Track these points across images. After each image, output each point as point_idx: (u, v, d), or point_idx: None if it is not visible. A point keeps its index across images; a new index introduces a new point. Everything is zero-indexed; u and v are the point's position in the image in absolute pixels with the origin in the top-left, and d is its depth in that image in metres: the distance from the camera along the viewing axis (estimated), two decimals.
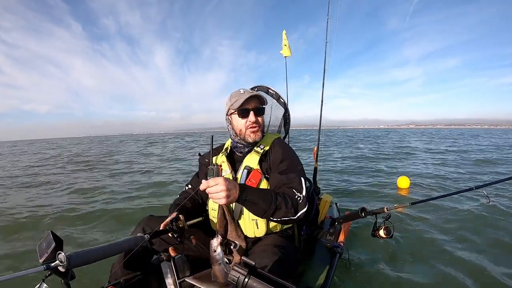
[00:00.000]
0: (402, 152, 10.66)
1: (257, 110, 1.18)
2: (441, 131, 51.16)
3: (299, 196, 1.05)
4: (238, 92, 1.19)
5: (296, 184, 1.09)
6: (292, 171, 1.13)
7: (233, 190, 0.89)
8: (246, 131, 1.18)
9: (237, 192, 0.91)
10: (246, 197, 0.94)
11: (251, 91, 1.20)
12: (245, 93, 1.18)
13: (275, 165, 1.16)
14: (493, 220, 2.93)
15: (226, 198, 0.86)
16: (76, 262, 0.71)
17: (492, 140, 18.05)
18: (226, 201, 0.87)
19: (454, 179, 5.33)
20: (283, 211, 1.00)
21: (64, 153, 15.57)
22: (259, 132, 1.20)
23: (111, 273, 1.16)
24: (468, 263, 2.06)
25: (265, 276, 0.66)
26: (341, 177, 5.71)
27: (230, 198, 0.88)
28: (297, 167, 1.17)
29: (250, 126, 1.18)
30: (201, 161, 1.37)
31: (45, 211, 3.68)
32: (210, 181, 0.87)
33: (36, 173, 7.77)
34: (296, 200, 1.04)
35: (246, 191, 0.95)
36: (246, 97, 1.14)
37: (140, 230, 1.14)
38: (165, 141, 27.80)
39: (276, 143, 1.24)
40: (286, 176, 1.11)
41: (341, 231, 1.79)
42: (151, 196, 4.49)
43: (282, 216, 1.01)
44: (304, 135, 31.61)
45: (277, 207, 0.99)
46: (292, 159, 1.18)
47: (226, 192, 0.86)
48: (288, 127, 1.68)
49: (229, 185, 0.88)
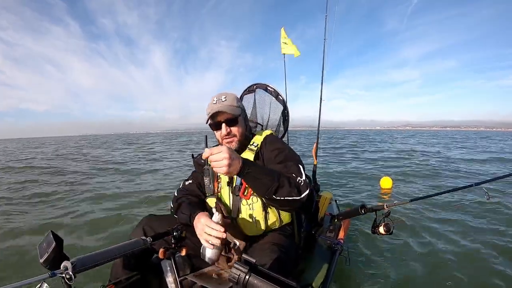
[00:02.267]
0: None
1: (229, 121, 1.15)
2: (440, 132, 50.67)
3: (300, 179, 1.03)
4: (211, 102, 1.17)
5: (295, 170, 1.06)
6: (289, 160, 1.11)
7: (236, 160, 0.88)
8: (222, 142, 1.18)
9: (239, 163, 0.89)
10: (248, 169, 0.92)
11: (222, 99, 1.16)
12: (217, 103, 1.15)
13: (271, 159, 1.15)
14: (493, 217, 2.95)
15: (227, 167, 0.84)
16: (80, 269, 0.71)
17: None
18: (227, 169, 0.85)
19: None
20: (286, 189, 0.96)
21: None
22: (234, 142, 1.18)
23: (112, 272, 1.16)
24: (468, 260, 2.08)
25: (266, 273, 0.66)
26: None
27: (232, 167, 0.86)
28: (294, 157, 1.15)
29: (224, 137, 1.16)
30: (196, 161, 1.35)
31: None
32: (214, 148, 0.86)
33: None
34: (298, 182, 1.01)
35: (249, 164, 0.93)
36: (212, 113, 1.12)
37: (141, 230, 1.15)
38: (146, 141, 26.41)
39: (267, 139, 1.22)
40: (284, 165, 1.09)
41: (341, 228, 1.80)
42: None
43: (285, 195, 0.96)
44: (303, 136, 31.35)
45: (280, 184, 0.95)
46: (287, 150, 1.17)
47: (228, 161, 0.84)
48: (287, 124, 1.68)
49: (232, 155, 0.86)
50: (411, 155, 9.78)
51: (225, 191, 1.19)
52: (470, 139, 22.87)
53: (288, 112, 1.64)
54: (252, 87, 1.69)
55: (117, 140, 30.49)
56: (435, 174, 5.91)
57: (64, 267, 0.67)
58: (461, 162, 7.79)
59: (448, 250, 2.24)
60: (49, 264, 0.79)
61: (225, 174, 0.87)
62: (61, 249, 0.82)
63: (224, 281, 1.04)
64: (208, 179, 1.20)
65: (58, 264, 0.77)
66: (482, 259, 2.08)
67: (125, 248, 0.87)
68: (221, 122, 1.14)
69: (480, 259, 2.08)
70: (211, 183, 1.20)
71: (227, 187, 1.18)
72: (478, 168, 6.67)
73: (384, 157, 9.37)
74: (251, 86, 1.67)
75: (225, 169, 0.84)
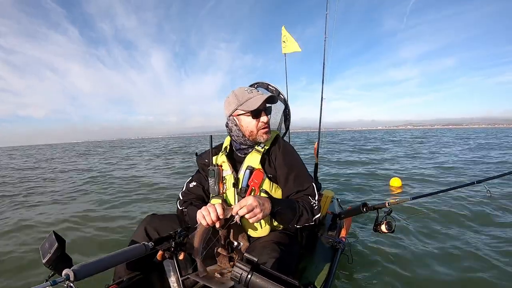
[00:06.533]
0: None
1: (267, 109, 1.18)
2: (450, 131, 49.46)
3: (314, 203, 1.12)
4: (243, 91, 1.16)
5: (311, 191, 1.14)
6: (303, 177, 1.17)
7: (265, 203, 0.94)
8: (258, 132, 1.16)
9: (269, 204, 0.95)
10: (277, 207, 0.98)
11: (257, 90, 1.19)
12: (253, 92, 1.16)
13: (283, 171, 1.16)
14: (495, 214, 2.94)
15: (262, 213, 0.91)
16: (83, 276, 0.71)
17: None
18: (262, 216, 0.91)
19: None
20: (305, 217, 1.06)
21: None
22: (269, 132, 1.20)
23: (115, 272, 1.16)
24: (470, 257, 2.07)
25: (268, 272, 0.66)
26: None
27: (265, 212, 0.92)
28: (306, 171, 1.20)
29: (262, 127, 1.16)
30: (200, 162, 1.32)
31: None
32: (241, 202, 0.90)
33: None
34: (312, 207, 1.10)
35: (276, 202, 0.99)
36: (263, 100, 1.11)
37: (142, 230, 1.15)
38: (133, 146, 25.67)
39: (280, 145, 1.22)
40: (300, 183, 1.15)
41: (342, 226, 1.80)
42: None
43: (304, 222, 1.07)
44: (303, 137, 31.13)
45: (301, 214, 1.05)
46: (299, 163, 1.21)
47: (260, 207, 0.90)
48: (289, 123, 1.67)
49: (259, 200, 0.92)
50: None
51: (231, 192, 1.18)
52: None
53: (290, 111, 1.64)
54: (253, 86, 1.68)
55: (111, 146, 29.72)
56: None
57: (66, 275, 0.67)
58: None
59: (451, 248, 2.23)
60: (51, 265, 0.79)
61: (260, 220, 0.94)
62: (64, 250, 0.82)
63: (226, 280, 1.04)
64: (213, 180, 1.19)
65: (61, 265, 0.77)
66: (486, 256, 2.07)
67: (127, 255, 0.87)
68: (261, 110, 1.15)
69: (484, 256, 2.07)
70: (216, 184, 1.19)
71: (232, 188, 1.17)
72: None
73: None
74: (253, 84, 1.66)
75: (261, 216, 0.91)
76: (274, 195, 1.15)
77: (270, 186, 1.15)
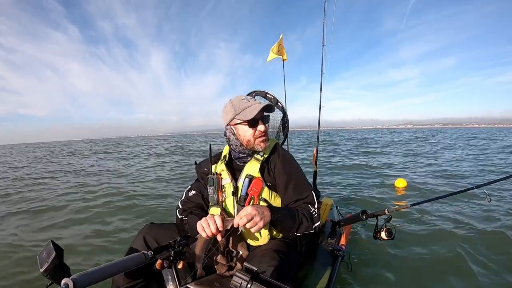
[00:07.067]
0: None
1: (264, 118, 1.18)
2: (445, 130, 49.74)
3: (314, 211, 1.12)
4: (240, 100, 1.16)
5: (310, 199, 1.15)
6: (303, 185, 1.18)
7: (265, 212, 0.95)
8: (255, 141, 1.16)
9: (268, 212, 0.96)
10: (277, 216, 0.98)
11: (255, 99, 1.19)
12: (250, 101, 1.16)
13: (282, 179, 1.16)
14: (495, 219, 2.93)
15: (262, 222, 0.91)
16: (82, 285, 0.71)
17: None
18: (263, 224, 0.92)
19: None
20: (304, 225, 1.07)
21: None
22: (267, 140, 1.20)
23: (113, 280, 1.15)
24: (470, 264, 2.05)
25: (268, 281, 0.66)
26: None
27: (265, 220, 0.93)
28: (305, 180, 1.21)
29: (259, 135, 1.16)
30: (199, 170, 1.32)
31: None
32: (241, 212, 0.91)
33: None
34: (312, 215, 1.11)
35: (275, 211, 1.00)
36: (259, 108, 1.12)
37: (141, 239, 1.14)
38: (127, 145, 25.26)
39: (279, 154, 1.22)
40: (299, 191, 1.16)
41: (342, 234, 1.79)
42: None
43: (304, 230, 1.08)
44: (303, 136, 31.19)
45: (301, 222, 1.06)
46: (298, 172, 1.21)
47: (259, 216, 0.91)
48: (287, 131, 1.68)
49: (259, 209, 0.93)
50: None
51: (230, 201, 1.18)
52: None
53: (288, 119, 1.65)
54: (251, 94, 1.70)
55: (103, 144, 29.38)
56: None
57: (65, 284, 0.67)
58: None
59: (451, 254, 2.21)
60: (49, 274, 0.78)
61: (261, 228, 0.94)
62: (62, 259, 0.81)
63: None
64: (212, 188, 1.19)
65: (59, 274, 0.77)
66: (486, 262, 2.06)
67: (127, 264, 0.86)
68: (258, 119, 1.15)
69: (485, 262, 2.06)
70: (215, 193, 1.19)
71: (231, 197, 1.17)
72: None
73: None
74: (251, 93, 1.68)
75: (262, 224, 0.92)
76: (273, 203, 1.15)
77: (269, 194, 1.15)
